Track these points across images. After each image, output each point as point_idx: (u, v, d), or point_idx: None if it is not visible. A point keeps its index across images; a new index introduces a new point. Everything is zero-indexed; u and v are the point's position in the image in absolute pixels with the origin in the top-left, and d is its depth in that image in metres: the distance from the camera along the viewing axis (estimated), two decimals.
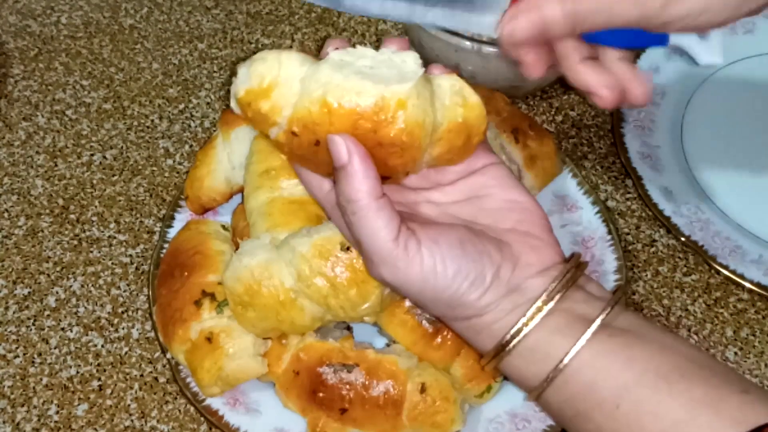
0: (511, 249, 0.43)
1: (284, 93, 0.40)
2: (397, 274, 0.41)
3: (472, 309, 0.42)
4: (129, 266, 0.68)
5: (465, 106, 0.42)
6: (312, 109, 0.39)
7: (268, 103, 0.40)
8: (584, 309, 0.41)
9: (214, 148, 0.63)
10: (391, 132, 0.39)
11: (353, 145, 0.39)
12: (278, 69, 0.40)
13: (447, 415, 0.54)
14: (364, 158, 0.40)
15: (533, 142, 0.63)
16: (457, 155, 0.44)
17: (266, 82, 0.40)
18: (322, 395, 0.54)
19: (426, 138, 0.41)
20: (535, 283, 0.42)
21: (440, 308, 0.43)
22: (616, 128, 0.74)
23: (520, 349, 0.41)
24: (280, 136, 0.41)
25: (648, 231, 0.70)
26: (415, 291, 0.41)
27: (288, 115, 0.40)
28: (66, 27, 0.85)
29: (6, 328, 0.65)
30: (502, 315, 0.42)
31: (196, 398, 0.58)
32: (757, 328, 0.65)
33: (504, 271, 0.42)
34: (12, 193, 0.72)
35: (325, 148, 0.40)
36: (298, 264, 0.50)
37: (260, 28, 0.85)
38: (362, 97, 0.39)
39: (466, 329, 0.44)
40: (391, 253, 0.40)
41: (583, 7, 0.40)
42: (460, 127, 0.42)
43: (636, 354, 0.39)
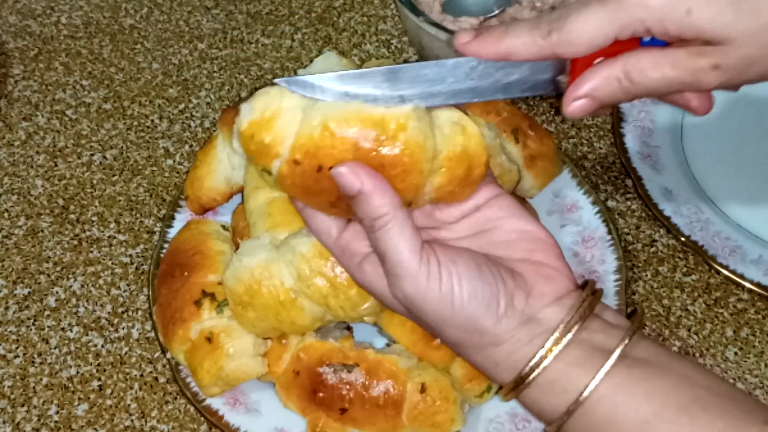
0: (524, 279, 0.42)
1: (286, 123, 0.40)
2: (418, 288, 0.40)
3: (488, 336, 0.41)
4: (129, 266, 0.68)
5: (464, 134, 0.42)
6: (313, 134, 0.40)
7: (271, 134, 0.41)
8: (602, 339, 0.41)
9: (214, 148, 0.63)
10: (393, 152, 0.40)
11: (359, 168, 0.39)
12: (280, 100, 0.41)
13: (447, 415, 0.54)
14: (375, 176, 0.40)
15: (533, 142, 0.63)
16: (459, 188, 0.43)
17: (268, 113, 0.41)
18: (322, 395, 0.54)
19: (427, 162, 0.41)
20: (550, 313, 0.42)
21: (456, 333, 0.42)
22: (616, 128, 0.74)
23: (539, 382, 0.41)
24: (283, 168, 0.41)
25: (648, 231, 0.70)
26: (432, 310, 0.41)
27: (290, 145, 0.41)
28: (66, 27, 0.85)
29: (6, 328, 0.65)
30: (519, 346, 0.41)
31: (196, 398, 0.58)
32: (757, 328, 0.65)
33: (518, 300, 0.41)
34: (12, 193, 0.72)
35: (327, 175, 0.40)
36: (299, 264, 0.50)
37: (260, 28, 0.85)
38: (363, 118, 0.39)
39: (484, 360, 0.43)
40: (416, 265, 0.40)
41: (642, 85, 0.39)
42: (461, 156, 0.42)
43: (656, 386, 0.39)
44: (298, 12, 0.87)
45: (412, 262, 0.40)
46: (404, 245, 0.40)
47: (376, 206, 0.40)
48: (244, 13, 0.87)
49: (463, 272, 0.41)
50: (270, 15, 0.86)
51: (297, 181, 0.42)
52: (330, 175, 0.40)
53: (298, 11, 0.87)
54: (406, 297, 0.41)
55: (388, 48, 0.83)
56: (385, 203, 0.40)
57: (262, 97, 0.41)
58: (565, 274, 0.44)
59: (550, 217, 0.67)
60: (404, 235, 0.40)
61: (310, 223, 0.46)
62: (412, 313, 0.43)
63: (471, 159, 0.42)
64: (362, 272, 0.44)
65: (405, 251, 0.40)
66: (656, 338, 0.64)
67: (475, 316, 0.41)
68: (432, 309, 0.41)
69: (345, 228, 0.44)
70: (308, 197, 0.43)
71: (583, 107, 0.40)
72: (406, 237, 0.40)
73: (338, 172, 0.40)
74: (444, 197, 0.44)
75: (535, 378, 0.41)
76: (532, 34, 0.39)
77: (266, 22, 0.86)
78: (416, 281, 0.40)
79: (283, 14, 0.86)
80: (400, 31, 0.85)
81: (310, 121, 0.40)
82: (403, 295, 0.41)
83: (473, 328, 0.41)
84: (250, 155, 0.42)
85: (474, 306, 0.40)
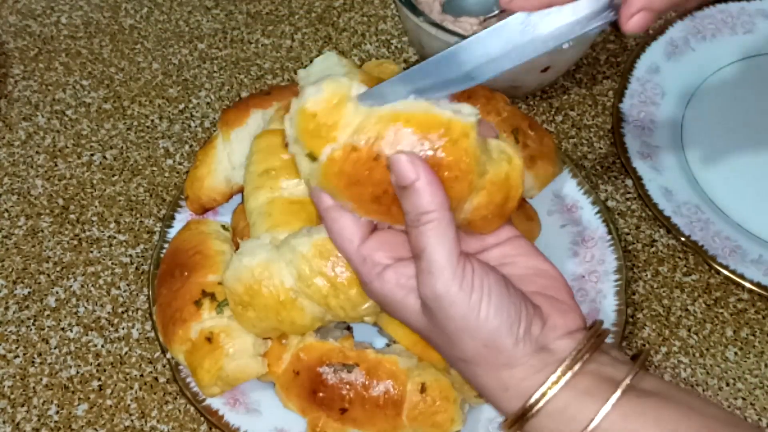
0: (540, 309, 0.43)
1: (351, 111, 0.41)
2: (450, 291, 0.40)
3: (505, 355, 0.41)
4: (129, 266, 0.68)
5: (510, 163, 0.43)
6: (377, 125, 0.40)
7: (334, 117, 0.41)
8: (610, 371, 0.41)
9: (214, 148, 0.63)
10: (452, 155, 0.40)
11: (418, 159, 0.40)
12: (350, 89, 0.42)
13: (447, 415, 0.54)
14: (431, 171, 0.40)
15: (533, 142, 0.63)
16: (492, 215, 0.44)
17: (338, 97, 0.41)
18: (322, 395, 0.54)
19: (477, 177, 0.42)
20: (562, 345, 0.42)
21: (475, 346, 0.42)
22: (616, 128, 0.74)
23: (548, 410, 0.41)
24: (336, 153, 0.42)
25: (648, 231, 0.70)
26: (457, 316, 0.41)
27: (350, 132, 0.41)
28: (66, 27, 0.85)
29: (6, 328, 0.65)
30: (531, 372, 0.42)
31: (196, 398, 0.58)
32: (757, 328, 0.65)
33: (535, 327, 0.42)
34: (12, 193, 0.72)
35: (382, 165, 0.41)
36: (299, 264, 0.50)
37: (260, 28, 0.85)
38: (430, 118, 0.40)
39: (494, 383, 0.43)
40: (453, 267, 0.40)
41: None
42: (503, 183, 0.43)
43: (664, 416, 0.40)
44: (298, 12, 0.87)
45: (450, 262, 0.40)
46: (445, 245, 0.40)
47: (427, 201, 0.40)
48: (244, 13, 0.87)
49: (494, 287, 0.41)
50: (270, 15, 0.86)
51: (348, 168, 0.42)
52: (385, 167, 0.41)
53: (298, 11, 0.87)
54: (436, 297, 0.41)
55: (388, 48, 0.83)
56: (435, 200, 0.40)
57: (333, 82, 0.42)
58: (576, 312, 0.44)
59: (550, 217, 0.67)
60: (447, 235, 0.41)
61: (332, 227, 0.45)
62: (434, 321, 0.42)
63: (509, 189, 0.44)
64: (382, 281, 0.43)
65: (445, 250, 0.40)
66: (656, 339, 0.64)
67: (497, 332, 0.41)
68: (458, 315, 0.41)
69: (368, 237, 0.44)
70: (352, 187, 0.43)
71: (640, 21, 0.41)
72: (448, 237, 0.41)
73: (398, 158, 0.40)
74: (476, 222, 0.44)
75: (544, 405, 0.41)
76: None
77: (266, 22, 0.86)
78: (450, 283, 0.40)
79: (283, 14, 0.86)
80: (400, 31, 0.85)
81: (377, 111, 0.41)
82: (433, 294, 0.41)
83: (493, 344, 0.41)
84: (304, 135, 0.42)
85: (498, 322, 0.41)
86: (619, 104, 0.76)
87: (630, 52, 0.81)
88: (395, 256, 0.44)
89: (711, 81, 0.78)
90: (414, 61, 0.82)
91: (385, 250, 0.44)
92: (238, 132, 0.61)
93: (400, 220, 0.43)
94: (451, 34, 0.67)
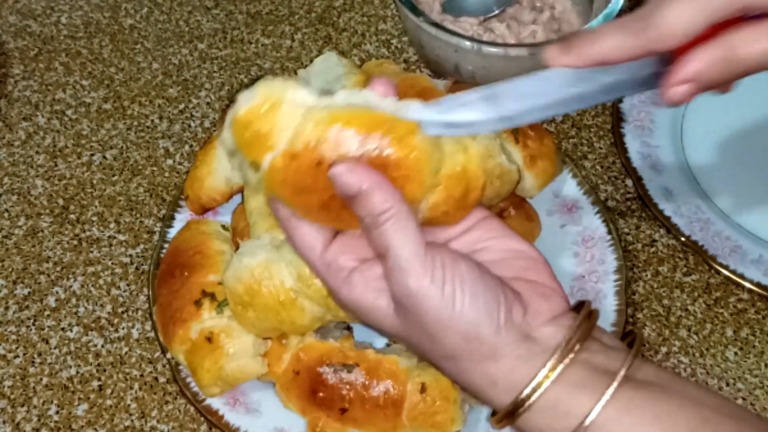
0: (520, 295, 0.41)
1: (287, 115, 0.39)
2: (422, 285, 0.39)
3: (487, 346, 0.40)
4: (129, 266, 0.68)
5: (465, 153, 0.41)
6: (316, 128, 0.38)
7: (269, 124, 0.39)
8: (603, 361, 0.40)
9: (214, 148, 0.63)
10: (399, 153, 0.38)
11: (357, 167, 0.38)
12: (284, 91, 0.39)
13: (447, 415, 0.54)
14: (375, 173, 0.38)
15: (533, 142, 0.62)
16: (453, 209, 0.42)
17: (271, 102, 0.39)
18: (322, 395, 0.54)
19: (429, 175, 0.40)
20: (548, 332, 0.40)
21: (455, 340, 0.40)
22: (616, 128, 0.74)
23: (540, 405, 0.39)
24: (277, 161, 0.39)
25: (648, 231, 0.70)
26: (433, 310, 0.39)
27: (288, 138, 0.39)
28: (66, 27, 0.85)
29: (6, 328, 0.65)
30: (518, 363, 0.40)
31: (196, 398, 0.58)
32: (757, 328, 0.65)
33: (516, 313, 0.40)
34: (12, 193, 0.72)
35: (324, 171, 0.39)
36: (299, 264, 0.50)
37: (260, 28, 0.85)
38: (372, 117, 0.38)
39: (481, 378, 0.41)
40: (421, 259, 0.39)
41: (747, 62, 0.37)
42: (460, 176, 0.41)
43: (663, 408, 0.38)
44: (298, 12, 0.87)
45: (418, 256, 0.39)
46: (409, 238, 0.39)
47: (379, 200, 0.38)
48: (244, 13, 0.86)
49: (467, 276, 0.39)
50: (270, 15, 0.86)
51: (290, 176, 0.39)
52: (327, 172, 0.38)
53: (298, 11, 0.87)
54: (409, 294, 0.39)
55: (388, 48, 0.83)
56: (388, 198, 0.39)
57: (265, 86, 0.39)
58: (559, 294, 0.43)
59: (550, 217, 0.67)
60: (409, 229, 0.39)
61: (293, 236, 0.43)
62: (409, 320, 0.41)
63: (469, 181, 0.41)
64: (350, 285, 0.42)
65: (410, 244, 0.39)
66: (656, 339, 0.64)
67: (475, 323, 0.39)
68: (433, 308, 0.39)
69: (330, 242, 0.43)
70: (298, 196, 0.41)
71: (685, 93, 0.38)
72: (411, 230, 0.39)
73: (336, 173, 0.38)
74: (437, 218, 0.42)
75: (536, 400, 0.39)
76: (624, 34, 0.38)
77: (266, 22, 0.86)
78: (421, 277, 0.39)
79: (283, 14, 0.86)
80: (400, 31, 0.85)
81: (314, 114, 0.38)
82: (406, 291, 0.39)
83: (474, 336, 0.39)
84: (241, 145, 0.40)
85: (475, 311, 0.39)
86: (619, 104, 0.76)
87: None
88: (360, 257, 0.42)
89: None
90: (414, 61, 0.82)
91: (349, 252, 0.42)
92: None
93: (353, 225, 0.41)
94: (451, 34, 0.67)
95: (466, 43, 0.66)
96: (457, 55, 0.68)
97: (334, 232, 0.43)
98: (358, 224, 0.41)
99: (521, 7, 0.76)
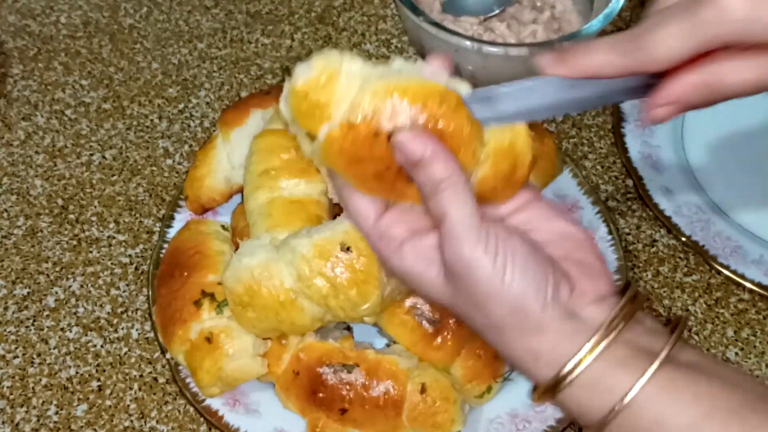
0: (568, 273, 0.42)
1: (344, 87, 0.40)
2: (474, 254, 0.40)
3: (533, 320, 0.40)
4: (128, 266, 0.68)
5: (512, 130, 0.42)
6: (373, 99, 0.39)
7: (327, 95, 0.40)
8: (646, 341, 0.40)
9: (214, 148, 0.63)
10: (454, 123, 0.40)
11: (423, 134, 0.39)
12: (340, 63, 0.41)
13: (447, 415, 0.54)
14: (437, 140, 0.40)
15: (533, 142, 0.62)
16: (501, 186, 0.43)
17: (328, 73, 0.40)
18: (322, 395, 0.54)
19: (480, 145, 0.41)
20: (592, 312, 0.41)
21: (501, 312, 0.41)
22: (617, 128, 0.74)
23: (581, 381, 0.40)
24: (334, 132, 0.40)
25: (648, 231, 0.70)
26: (483, 280, 0.40)
27: (345, 108, 0.40)
28: (65, 27, 0.85)
29: (5, 328, 0.64)
30: (561, 338, 0.40)
31: (195, 398, 0.58)
32: (758, 328, 0.65)
33: (563, 291, 0.41)
34: (11, 193, 0.72)
35: (383, 141, 0.40)
36: (298, 264, 0.49)
37: (260, 27, 0.85)
38: (427, 88, 0.39)
39: (524, 350, 0.41)
40: (477, 227, 0.40)
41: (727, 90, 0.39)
42: (507, 151, 0.42)
43: (703, 389, 0.38)
44: (298, 11, 0.86)
45: (473, 224, 0.40)
46: (467, 207, 0.40)
47: (440, 168, 0.39)
48: (243, 12, 0.86)
49: (518, 249, 0.40)
50: (270, 14, 0.86)
51: (346, 147, 0.40)
52: (385, 142, 0.40)
53: (298, 11, 0.86)
54: (462, 261, 0.40)
55: (388, 48, 0.83)
56: (448, 166, 0.40)
57: (322, 58, 0.41)
58: (606, 275, 0.43)
59: None
60: (467, 198, 0.40)
61: (349, 204, 0.44)
62: (459, 288, 0.41)
63: (516, 156, 0.43)
64: (401, 255, 0.43)
65: (467, 212, 0.40)
66: None
67: (523, 296, 0.40)
68: (484, 277, 0.40)
69: (384, 212, 0.44)
70: (354, 166, 0.42)
71: (666, 114, 0.40)
72: (468, 199, 0.40)
73: (401, 139, 0.39)
74: (486, 194, 0.43)
75: (578, 376, 0.40)
76: (614, 52, 0.39)
77: (266, 21, 0.86)
78: (475, 245, 0.39)
79: (282, 14, 0.86)
80: (400, 31, 0.85)
81: (371, 86, 0.40)
82: (459, 258, 0.40)
83: (520, 308, 0.40)
84: (299, 115, 0.41)
85: (523, 284, 0.40)
86: (620, 104, 0.76)
87: None
88: (412, 228, 0.43)
89: None
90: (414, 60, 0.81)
91: (402, 223, 0.43)
92: (237, 132, 0.61)
93: (405, 196, 0.42)
94: (452, 34, 0.66)
95: (467, 43, 0.66)
96: (457, 54, 0.68)
97: (387, 203, 0.44)
98: (411, 195, 0.42)
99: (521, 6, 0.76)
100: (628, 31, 0.39)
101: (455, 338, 0.54)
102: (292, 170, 0.54)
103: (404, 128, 0.39)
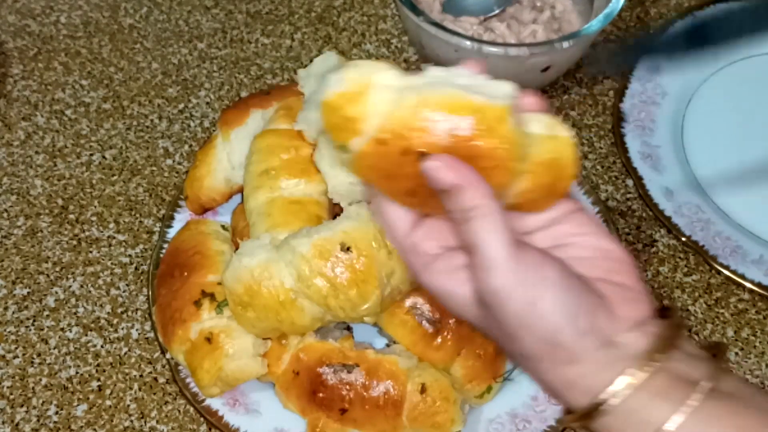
0: (605, 298, 0.40)
1: (377, 100, 0.38)
2: (506, 285, 0.38)
3: (565, 352, 0.39)
4: (128, 266, 0.68)
5: (557, 140, 0.40)
6: (406, 115, 0.38)
7: (358, 109, 0.39)
8: (685, 369, 0.38)
9: (214, 148, 0.62)
10: (488, 144, 0.38)
11: (453, 161, 0.38)
12: (372, 75, 0.39)
13: (447, 415, 0.54)
14: (469, 168, 0.38)
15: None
16: (541, 197, 0.42)
17: (360, 86, 0.39)
18: (322, 395, 0.54)
19: (518, 162, 0.39)
20: (631, 339, 0.39)
21: (535, 344, 0.39)
22: (617, 128, 0.74)
23: (618, 410, 0.38)
24: (365, 147, 0.39)
25: (648, 231, 0.70)
26: (514, 313, 0.38)
27: (376, 123, 0.38)
28: (65, 27, 0.85)
29: (5, 328, 0.64)
30: (596, 368, 0.39)
31: (195, 399, 0.58)
32: (758, 328, 0.65)
33: (599, 320, 0.39)
34: (11, 193, 0.72)
35: (412, 159, 0.38)
36: (298, 264, 0.49)
37: (260, 27, 0.85)
38: (462, 104, 0.38)
39: (556, 380, 0.40)
40: (508, 259, 0.38)
41: None
42: (550, 163, 0.40)
43: (744, 422, 0.37)
44: (298, 12, 0.86)
45: (505, 256, 0.38)
46: (498, 237, 0.38)
47: (469, 197, 0.38)
48: (243, 12, 0.86)
49: (551, 278, 0.38)
50: (270, 15, 0.86)
51: (378, 162, 0.39)
52: (416, 160, 0.38)
53: (298, 11, 0.86)
54: (492, 293, 0.39)
55: (388, 48, 0.83)
56: (478, 193, 0.38)
57: (355, 70, 0.39)
58: (644, 299, 0.41)
59: None
60: (498, 227, 0.38)
61: (381, 214, 0.43)
62: (490, 316, 0.40)
63: (559, 169, 0.41)
64: (431, 272, 0.41)
65: (498, 243, 0.38)
66: None
67: (557, 328, 0.38)
68: (515, 310, 0.38)
69: (418, 224, 0.43)
70: (385, 182, 0.41)
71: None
72: (499, 228, 0.38)
73: (429, 167, 0.38)
74: (524, 205, 0.42)
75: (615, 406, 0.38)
76: None
77: (266, 21, 0.85)
78: (506, 278, 0.38)
79: (282, 14, 0.86)
80: (400, 31, 0.85)
81: (404, 100, 0.38)
82: (489, 290, 0.39)
83: (554, 341, 0.39)
84: (330, 128, 0.40)
85: (557, 316, 0.38)
86: (620, 104, 0.76)
87: None
88: (445, 245, 0.42)
89: (711, 81, 0.78)
90: (414, 60, 0.81)
91: (434, 238, 0.42)
92: (237, 132, 0.61)
93: (439, 210, 0.41)
94: (452, 34, 0.67)
95: (466, 43, 0.66)
96: (457, 54, 0.68)
97: (421, 214, 0.43)
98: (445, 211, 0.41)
99: (521, 6, 0.76)
100: None
101: (455, 338, 0.54)
102: (292, 170, 0.54)
103: (435, 148, 0.38)
